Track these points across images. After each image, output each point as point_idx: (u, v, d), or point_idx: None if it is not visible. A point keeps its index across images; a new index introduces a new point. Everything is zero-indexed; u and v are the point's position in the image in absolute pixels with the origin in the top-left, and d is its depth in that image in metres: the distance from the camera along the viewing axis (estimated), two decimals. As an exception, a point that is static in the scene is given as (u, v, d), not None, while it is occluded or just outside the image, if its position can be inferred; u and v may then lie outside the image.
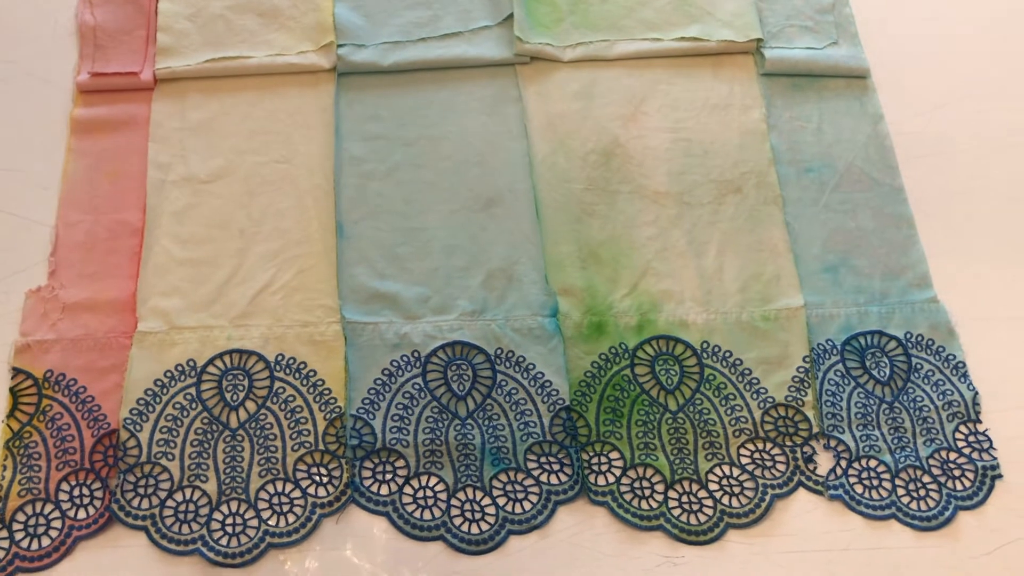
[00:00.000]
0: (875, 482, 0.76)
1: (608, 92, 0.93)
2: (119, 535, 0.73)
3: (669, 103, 0.93)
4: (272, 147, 0.89)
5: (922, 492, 0.76)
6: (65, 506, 0.73)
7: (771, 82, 0.95)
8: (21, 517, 0.73)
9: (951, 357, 0.82)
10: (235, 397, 0.78)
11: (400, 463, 0.76)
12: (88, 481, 0.74)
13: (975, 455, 0.78)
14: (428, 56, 0.93)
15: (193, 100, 0.91)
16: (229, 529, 0.73)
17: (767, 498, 0.75)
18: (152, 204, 0.86)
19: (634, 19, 0.97)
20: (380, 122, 0.91)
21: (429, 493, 0.75)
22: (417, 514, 0.74)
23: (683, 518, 0.75)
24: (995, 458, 0.77)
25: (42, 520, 0.73)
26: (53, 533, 0.72)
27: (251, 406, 0.77)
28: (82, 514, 0.73)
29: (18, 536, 0.72)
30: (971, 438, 0.78)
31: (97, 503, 0.73)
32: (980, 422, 0.79)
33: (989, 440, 0.78)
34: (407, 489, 0.75)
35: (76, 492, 0.74)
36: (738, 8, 0.97)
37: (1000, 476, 0.77)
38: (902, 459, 0.77)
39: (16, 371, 0.78)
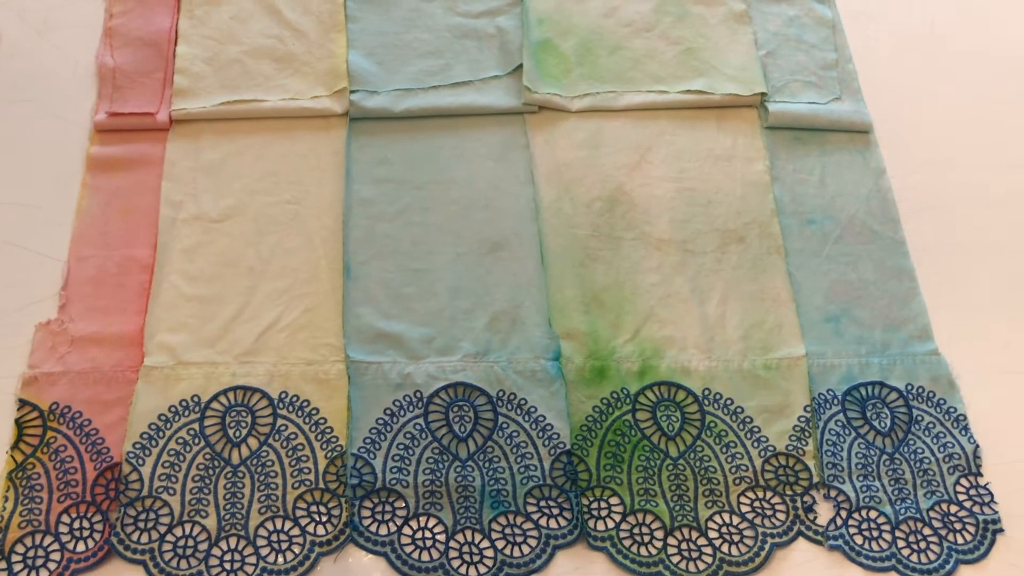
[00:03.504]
0: (875, 533, 0.76)
1: (614, 141, 0.94)
2: (117, 569, 0.72)
3: (674, 153, 0.94)
4: (283, 188, 0.91)
5: (923, 544, 0.76)
6: (64, 539, 0.73)
7: (774, 135, 0.96)
8: (20, 549, 0.73)
9: (952, 410, 0.82)
10: (238, 433, 0.78)
11: (400, 503, 0.76)
12: (89, 514, 0.74)
13: (976, 508, 0.77)
14: (439, 103, 0.95)
15: (207, 141, 0.93)
16: (227, 566, 0.73)
17: (767, 547, 0.75)
18: (163, 241, 0.87)
19: (641, 72, 0.99)
20: (390, 166, 0.92)
21: (428, 534, 0.75)
22: (415, 555, 0.74)
23: (682, 565, 0.74)
24: (996, 512, 0.77)
25: (41, 552, 0.72)
26: (52, 566, 0.72)
27: (253, 443, 0.78)
28: (81, 547, 0.73)
29: (16, 568, 0.72)
30: (972, 491, 0.78)
31: (97, 536, 0.73)
32: (981, 475, 0.79)
33: (990, 494, 0.78)
34: (406, 530, 0.75)
35: (76, 525, 0.74)
36: (743, 63, 0.99)
37: (1002, 530, 0.76)
38: (902, 511, 0.77)
39: (22, 403, 0.78)
